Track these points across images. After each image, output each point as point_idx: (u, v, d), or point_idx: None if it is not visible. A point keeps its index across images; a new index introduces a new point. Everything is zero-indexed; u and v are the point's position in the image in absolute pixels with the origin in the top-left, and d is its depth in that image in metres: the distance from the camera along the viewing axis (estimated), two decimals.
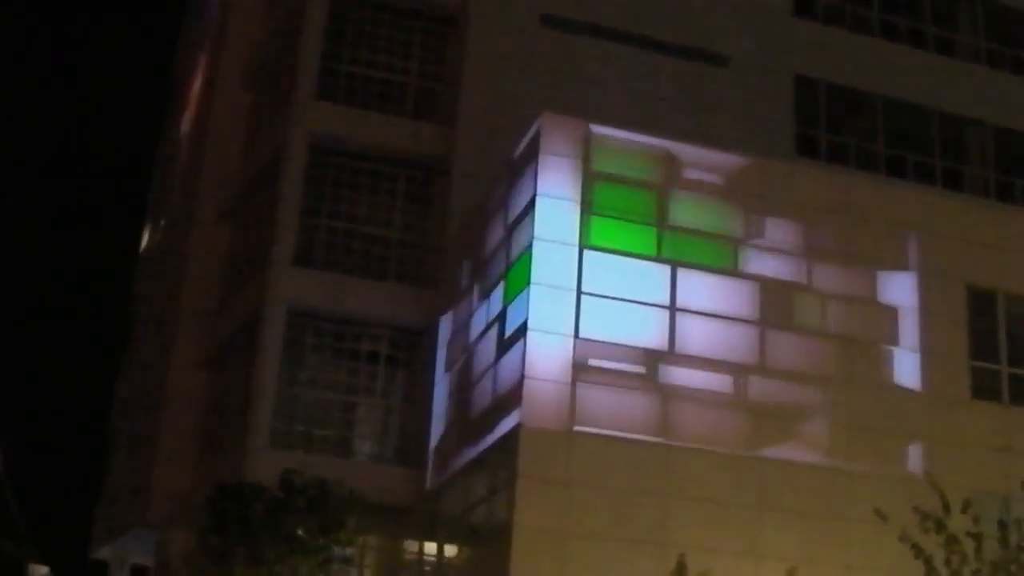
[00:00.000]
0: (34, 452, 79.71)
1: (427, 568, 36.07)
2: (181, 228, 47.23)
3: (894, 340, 32.85)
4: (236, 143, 45.81)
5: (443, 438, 35.91)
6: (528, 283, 30.19)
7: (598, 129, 32.10)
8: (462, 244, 37.66)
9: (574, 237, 30.74)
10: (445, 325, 37.57)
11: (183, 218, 47.29)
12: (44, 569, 67.72)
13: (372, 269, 39.61)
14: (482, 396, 32.80)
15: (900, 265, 33.47)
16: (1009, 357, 34.27)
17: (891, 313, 33.03)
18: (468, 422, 33.78)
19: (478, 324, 34.12)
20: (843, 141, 44.37)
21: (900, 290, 33.27)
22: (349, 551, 29.64)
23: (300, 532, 27.43)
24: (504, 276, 32.30)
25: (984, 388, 33.68)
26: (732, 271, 31.88)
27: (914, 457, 31.88)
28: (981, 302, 34.21)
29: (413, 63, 41.98)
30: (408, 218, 40.40)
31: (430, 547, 36.11)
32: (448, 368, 36.39)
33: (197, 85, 51.07)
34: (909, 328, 33.09)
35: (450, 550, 34.75)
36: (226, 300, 43.27)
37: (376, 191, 40.46)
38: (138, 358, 51.69)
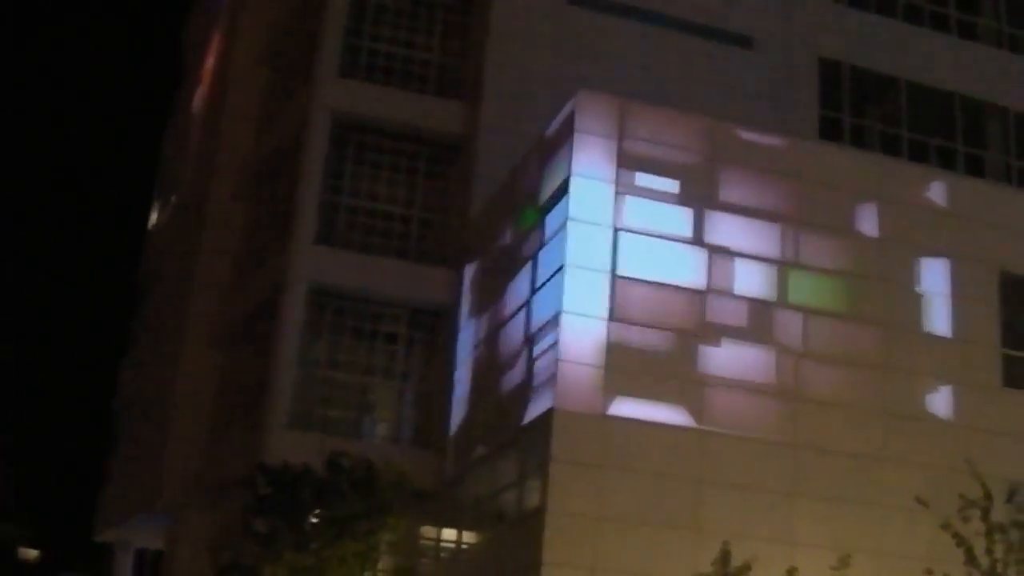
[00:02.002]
0: (37, 434, 79.12)
1: (444, 554, 35.59)
2: (195, 205, 46.63)
3: (927, 326, 32.50)
4: (252, 120, 45.25)
5: (465, 421, 35.43)
6: (562, 264, 29.71)
7: (634, 107, 31.62)
8: (487, 223, 37.14)
9: (609, 218, 30.25)
10: (467, 306, 37.07)
11: (197, 195, 46.70)
12: (34, 553, 67.27)
13: (393, 248, 39.09)
14: (510, 379, 32.32)
15: (934, 251, 33.08)
16: None
17: (925, 299, 32.65)
18: (494, 405, 33.31)
19: (506, 306, 33.62)
20: (866, 124, 43.93)
21: (933, 276, 32.90)
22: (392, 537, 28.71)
23: (346, 515, 26.81)
24: (536, 257, 31.78)
25: (1016, 376, 33.33)
26: (769, 254, 31.41)
27: (947, 445, 31.44)
28: (1014, 288, 33.83)
29: (435, 40, 41.43)
30: (430, 197, 39.87)
31: (448, 532, 35.63)
32: (472, 350, 35.89)
33: (211, 61, 50.45)
34: (942, 314, 32.74)
35: (470, 536, 34.30)
36: (241, 278, 42.72)
37: (397, 169, 39.92)
38: (147, 337, 51.06)
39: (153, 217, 57.65)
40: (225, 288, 43.25)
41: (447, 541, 35.24)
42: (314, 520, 27.12)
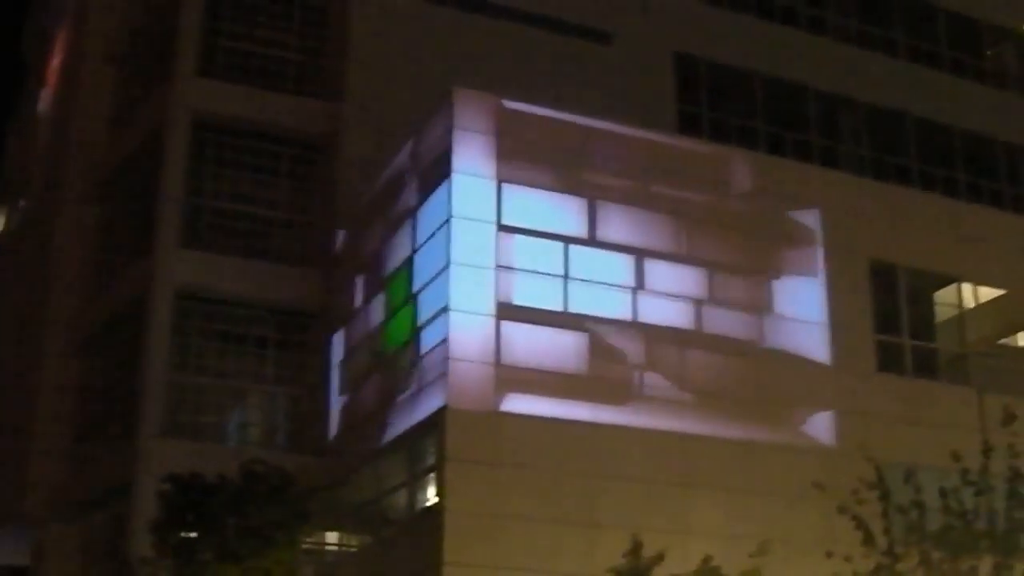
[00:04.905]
0: None
1: (329, 559, 35.05)
2: (45, 210, 45.25)
3: (802, 314, 32.98)
4: (103, 121, 43.95)
5: (345, 423, 34.97)
6: (448, 262, 29.49)
7: (511, 104, 31.53)
8: (357, 223, 36.70)
9: (491, 214, 30.13)
10: (340, 306, 36.58)
11: (46, 200, 45.32)
12: None
13: (258, 250, 38.37)
14: (393, 379, 31.97)
15: (806, 241, 33.56)
16: (910, 331, 34.71)
17: (799, 288, 33.13)
18: (376, 406, 32.90)
19: (384, 305, 33.23)
20: (724, 119, 44.41)
21: (807, 265, 33.40)
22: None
23: (264, 524, 26.15)
24: (417, 255, 31.48)
25: (889, 361, 34.03)
26: (648, 248, 31.57)
27: (826, 429, 32.03)
28: (883, 276, 34.54)
29: (294, 38, 40.81)
30: (295, 197, 39.28)
31: (331, 536, 35.12)
32: (349, 351, 35.42)
33: (57, 61, 49.01)
34: (816, 302, 33.24)
35: (355, 539, 33.87)
36: (99, 284, 41.54)
37: (260, 170, 39.22)
38: (1, 346, 49.41)
39: None
40: (82, 294, 41.98)
41: (330, 544, 34.70)
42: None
